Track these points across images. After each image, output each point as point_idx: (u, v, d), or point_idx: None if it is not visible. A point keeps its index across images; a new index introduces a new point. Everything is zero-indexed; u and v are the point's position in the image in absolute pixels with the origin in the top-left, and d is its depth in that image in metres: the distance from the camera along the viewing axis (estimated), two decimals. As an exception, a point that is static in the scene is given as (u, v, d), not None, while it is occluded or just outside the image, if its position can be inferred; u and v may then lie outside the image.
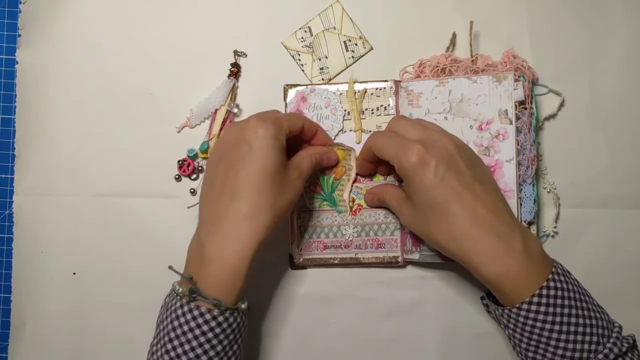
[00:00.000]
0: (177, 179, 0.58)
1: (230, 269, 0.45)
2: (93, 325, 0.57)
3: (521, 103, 0.54)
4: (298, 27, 0.58)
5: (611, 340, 0.45)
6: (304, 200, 0.56)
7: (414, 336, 0.56)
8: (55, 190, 0.58)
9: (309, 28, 0.58)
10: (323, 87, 0.57)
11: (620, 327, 0.46)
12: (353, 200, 0.56)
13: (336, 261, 0.56)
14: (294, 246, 0.56)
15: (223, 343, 0.45)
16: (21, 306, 0.57)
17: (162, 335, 0.46)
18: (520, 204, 0.54)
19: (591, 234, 0.57)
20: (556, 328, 0.44)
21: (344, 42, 0.58)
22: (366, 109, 0.56)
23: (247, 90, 0.58)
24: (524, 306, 0.45)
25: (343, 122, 0.56)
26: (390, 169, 0.54)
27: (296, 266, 0.57)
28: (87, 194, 0.58)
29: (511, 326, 0.46)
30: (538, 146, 0.56)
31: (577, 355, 0.44)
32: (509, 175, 0.53)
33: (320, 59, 0.58)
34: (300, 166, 0.51)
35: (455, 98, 0.54)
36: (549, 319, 0.44)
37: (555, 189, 0.56)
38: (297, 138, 0.53)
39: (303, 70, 0.58)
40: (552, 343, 0.45)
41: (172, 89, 0.58)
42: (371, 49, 0.58)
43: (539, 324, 0.45)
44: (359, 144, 0.56)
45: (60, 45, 0.58)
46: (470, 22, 0.56)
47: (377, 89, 0.56)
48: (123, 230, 0.57)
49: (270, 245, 0.49)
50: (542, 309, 0.44)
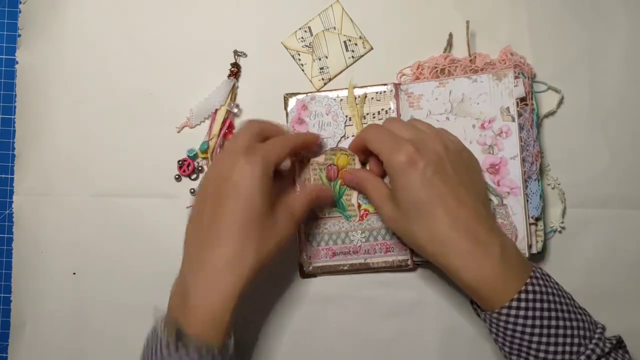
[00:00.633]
0: (177, 179, 0.58)
1: (216, 314, 0.46)
2: (93, 325, 0.57)
3: (522, 100, 0.54)
4: (298, 27, 0.58)
5: (593, 341, 0.45)
6: (312, 208, 0.56)
7: (414, 336, 0.56)
8: (55, 190, 0.58)
9: (309, 28, 0.58)
10: (323, 94, 0.56)
11: (604, 328, 0.46)
12: (359, 206, 0.56)
13: (346, 267, 0.56)
14: (303, 255, 0.56)
15: None
16: (21, 306, 0.57)
17: None
18: (527, 200, 0.54)
19: (591, 234, 0.56)
20: (536, 331, 0.45)
21: (344, 42, 0.58)
22: (367, 114, 0.56)
23: (247, 90, 0.58)
24: (504, 311, 0.45)
25: (345, 128, 0.56)
26: (380, 167, 0.53)
27: (306, 275, 0.56)
28: (87, 194, 0.58)
29: (494, 330, 0.47)
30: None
31: (559, 357, 0.44)
32: (514, 172, 0.53)
33: (320, 59, 0.58)
34: (293, 207, 0.51)
35: (456, 98, 0.54)
36: (529, 322, 0.45)
37: (559, 184, 0.56)
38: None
39: (303, 70, 0.58)
40: (534, 346, 0.45)
41: (172, 89, 0.58)
42: (371, 49, 0.58)
43: (519, 328, 0.45)
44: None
45: (60, 45, 0.58)
46: (467, 22, 0.56)
47: (378, 93, 0.56)
48: (123, 230, 0.57)
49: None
50: (522, 313, 0.45)
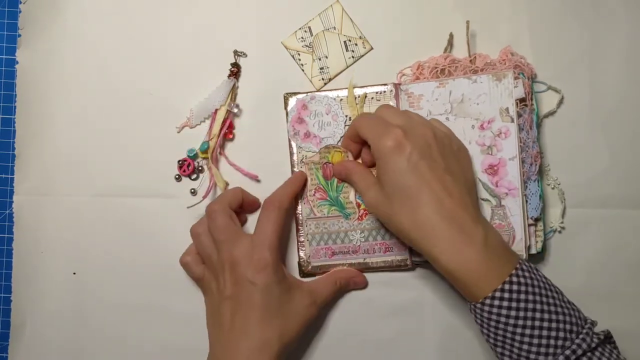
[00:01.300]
0: (177, 179, 0.58)
1: None
2: (93, 325, 0.57)
3: (521, 100, 0.54)
4: (298, 27, 0.58)
5: (580, 336, 0.45)
6: (310, 208, 0.56)
7: (414, 336, 0.56)
8: (55, 190, 0.58)
9: (309, 28, 0.58)
10: (323, 94, 0.56)
11: (593, 324, 0.46)
12: (359, 205, 0.56)
13: (345, 267, 0.56)
14: (302, 254, 0.56)
15: None
16: (21, 306, 0.57)
17: None
18: (526, 201, 0.54)
19: (591, 234, 0.57)
20: (520, 323, 0.45)
21: (344, 42, 0.58)
22: None
23: (247, 90, 0.58)
24: (487, 301, 0.45)
25: (345, 128, 0.56)
26: (372, 157, 0.53)
27: (305, 274, 0.56)
28: (87, 194, 0.58)
29: (478, 321, 0.47)
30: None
31: (543, 350, 0.44)
32: (512, 173, 0.53)
33: (320, 59, 0.58)
34: (315, 293, 0.53)
35: (456, 98, 0.54)
36: (513, 314, 0.45)
37: (559, 185, 0.56)
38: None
39: (303, 70, 0.58)
40: (517, 338, 0.45)
41: (172, 89, 0.58)
42: (371, 49, 0.58)
43: (502, 319, 0.45)
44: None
45: (60, 45, 0.58)
46: (467, 22, 0.56)
47: (378, 92, 0.56)
48: (123, 230, 0.57)
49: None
50: (505, 304, 0.45)
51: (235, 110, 0.57)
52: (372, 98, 0.56)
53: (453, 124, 0.54)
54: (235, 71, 0.57)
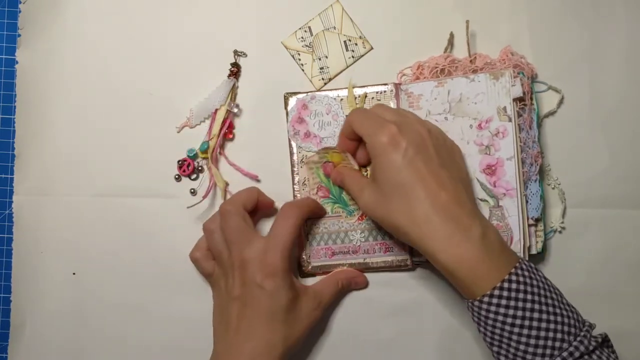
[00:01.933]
0: (177, 179, 0.58)
1: None
2: (93, 325, 0.57)
3: (521, 100, 0.54)
4: (298, 27, 0.58)
5: (578, 338, 0.44)
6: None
7: (414, 336, 0.56)
8: (55, 190, 0.58)
9: (309, 28, 0.58)
10: (323, 94, 0.56)
11: (591, 326, 0.46)
12: None
13: (345, 267, 0.56)
14: (302, 254, 0.56)
15: None
16: (21, 306, 0.57)
17: None
18: (527, 201, 0.54)
19: (591, 234, 0.56)
20: (517, 323, 0.44)
21: (344, 42, 0.58)
22: None
23: (247, 90, 0.58)
24: (485, 299, 0.45)
25: None
26: (367, 156, 0.53)
27: (305, 274, 0.56)
28: (87, 194, 0.58)
29: (476, 319, 0.47)
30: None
31: (540, 351, 0.44)
32: (510, 173, 0.53)
33: (320, 59, 0.58)
34: (320, 295, 0.53)
35: (454, 98, 0.54)
36: (510, 312, 0.44)
37: (559, 185, 0.56)
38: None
39: (303, 70, 0.58)
40: (514, 338, 0.45)
41: (172, 89, 0.58)
42: (371, 48, 0.58)
43: (500, 318, 0.45)
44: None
45: (60, 45, 0.58)
46: (466, 22, 0.56)
47: (378, 92, 0.56)
48: (123, 230, 0.57)
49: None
50: (504, 302, 0.44)
51: (235, 110, 0.57)
52: (372, 98, 0.56)
53: (451, 123, 0.54)
54: (235, 71, 0.57)
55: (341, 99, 0.56)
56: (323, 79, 0.58)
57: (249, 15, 0.58)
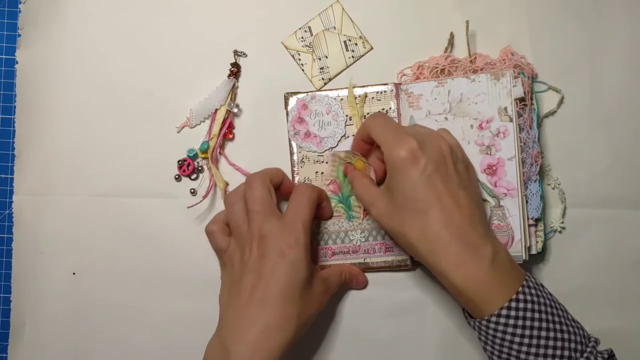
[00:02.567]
0: (177, 179, 0.58)
1: None
2: (93, 325, 0.57)
3: (521, 100, 0.54)
4: (298, 27, 0.58)
5: (585, 354, 0.44)
6: None
7: (414, 336, 0.56)
8: (55, 190, 0.58)
9: (309, 28, 0.58)
10: (324, 94, 0.56)
11: (597, 342, 0.46)
12: (365, 214, 0.56)
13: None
14: None
15: None
16: (21, 306, 0.57)
17: None
18: (527, 202, 0.54)
19: (591, 234, 0.56)
20: (525, 341, 0.44)
21: (344, 42, 0.58)
22: (368, 113, 0.56)
23: (247, 90, 0.58)
24: (493, 319, 0.45)
25: (345, 128, 0.56)
26: (381, 164, 0.53)
27: None
28: (87, 194, 0.58)
29: (482, 338, 0.47)
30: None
31: None
32: (511, 173, 0.53)
33: (320, 59, 0.58)
34: (328, 281, 0.53)
35: (455, 98, 0.54)
36: (518, 332, 0.44)
37: (559, 185, 0.56)
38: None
39: (303, 70, 0.58)
40: (522, 357, 0.44)
41: (172, 89, 0.58)
42: (371, 48, 0.58)
43: (508, 337, 0.44)
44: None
45: (60, 45, 0.58)
46: (466, 22, 0.56)
47: (378, 92, 0.56)
48: (123, 230, 0.57)
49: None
50: (512, 322, 0.44)
51: (235, 110, 0.57)
52: (372, 98, 0.56)
53: (452, 123, 0.54)
54: (235, 71, 0.57)
55: (341, 99, 0.56)
56: (323, 79, 0.58)
57: (249, 15, 0.58)
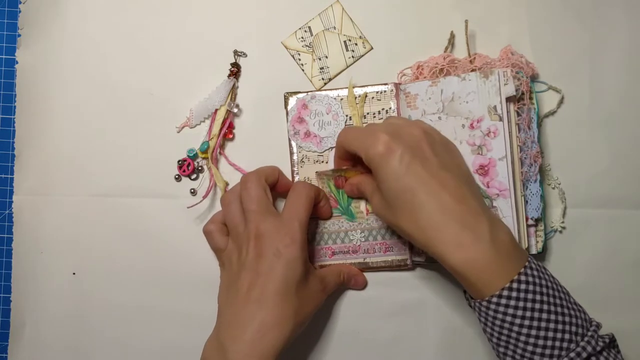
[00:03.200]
0: (177, 179, 0.58)
1: None
2: (93, 325, 0.57)
3: (520, 99, 0.54)
4: (298, 27, 0.58)
5: (585, 338, 0.44)
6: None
7: (414, 336, 0.56)
8: (55, 190, 0.58)
9: (309, 28, 0.58)
10: (324, 94, 0.56)
11: (598, 326, 0.45)
12: (368, 212, 0.56)
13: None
14: None
15: None
16: (21, 306, 0.57)
17: None
18: (527, 202, 0.53)
19: (591, 234, 0.56)
20: (526, 323, 0.44)
21: (344, 42, 0.58)
22: (368, 113, 0.56)
23: (247, 90, 0.58)
24: (494, 299, 0.44)
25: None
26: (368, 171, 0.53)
27: None
28: (87, 194, 0.58)
29: (482, 319, 0.46)
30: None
31: (548, 352, 0.44)
32: (502, 174, 0.52)
33: (320, 59, 0.58)
34: (325, 280, 0.53)
35: (447, 97, 0.54)
36: (519, 313, 0.44)
37: (560, 185, 0.56)
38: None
39: (303, 70, 0.58)
40: (522, 339, 0.44)
41: (172, 89, 0.58)
42: (371, 48, 0.58)
43: (508, 319, 0.44)
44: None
45: (60, 45, 0.58)
46: (465, 21, 0.56)
47: (378, 92, 0.56)
48: (123, 230, 0.57)
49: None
50: (512, 303, 0.44)
51: (235, 110, 0.57)
52: (372, 98, 0.56)
53: (444, 123, 0.54)
54: (235, 71, 0.57)
55: (341, 99, 0.56)
56: (323, 79, 0.58)
57: (249, 15, 0.58)
